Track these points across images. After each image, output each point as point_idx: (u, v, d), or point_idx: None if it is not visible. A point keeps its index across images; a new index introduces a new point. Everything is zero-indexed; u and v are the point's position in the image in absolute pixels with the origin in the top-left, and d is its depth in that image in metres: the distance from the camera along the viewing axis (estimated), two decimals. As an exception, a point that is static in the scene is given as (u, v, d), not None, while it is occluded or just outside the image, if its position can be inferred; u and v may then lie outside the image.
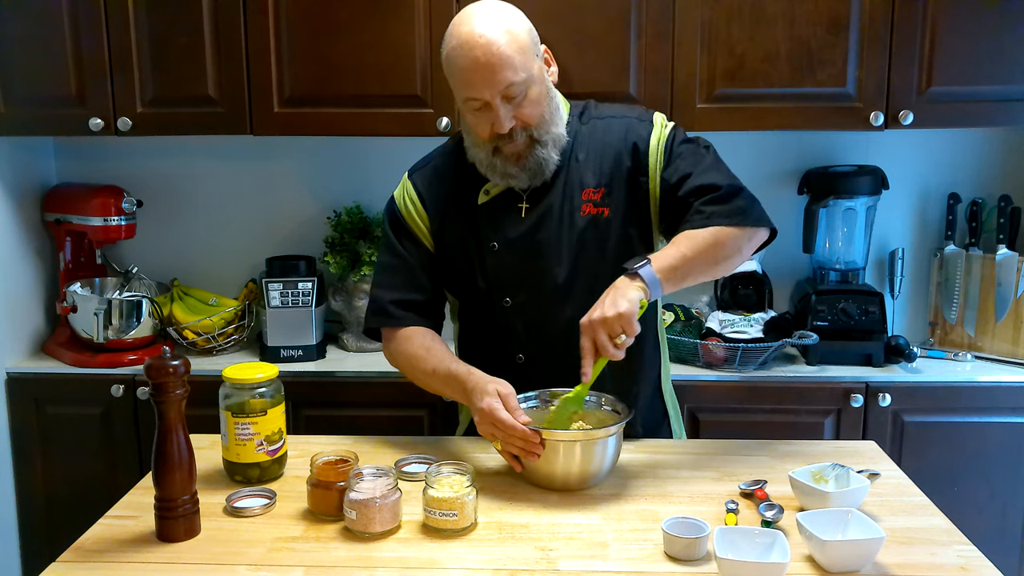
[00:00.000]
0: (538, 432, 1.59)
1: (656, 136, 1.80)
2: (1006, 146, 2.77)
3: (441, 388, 1.81)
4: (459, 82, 1.70)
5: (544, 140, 1.75)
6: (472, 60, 1.65)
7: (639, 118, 1.84)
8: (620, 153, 1.81)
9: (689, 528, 1.43)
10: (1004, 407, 2.45)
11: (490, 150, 1.75)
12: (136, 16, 2.46)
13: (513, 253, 1.81)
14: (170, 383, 1.46)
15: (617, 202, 1.80)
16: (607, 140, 1.82)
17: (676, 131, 1.83)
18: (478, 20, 1.67)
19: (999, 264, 2.60)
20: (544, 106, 1.73)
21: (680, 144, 1.80)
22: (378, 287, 1.90)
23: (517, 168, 1.75)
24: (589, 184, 1.80)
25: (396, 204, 1.90)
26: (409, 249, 1.88)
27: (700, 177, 1.75)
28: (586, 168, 1.80)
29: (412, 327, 1.86)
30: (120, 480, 2.15)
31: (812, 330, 2.51)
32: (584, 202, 1.79)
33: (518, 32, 1.68)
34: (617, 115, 1.86)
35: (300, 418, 2.49)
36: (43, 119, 2.55)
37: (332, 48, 2.46)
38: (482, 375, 1.70)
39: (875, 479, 1.64)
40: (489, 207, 1.82)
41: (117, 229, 2.67)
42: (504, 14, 1.70)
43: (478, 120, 1.72)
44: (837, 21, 2.40)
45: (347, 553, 1.45)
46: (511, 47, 1.65)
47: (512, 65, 1.65)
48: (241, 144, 2.76)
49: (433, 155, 1.93)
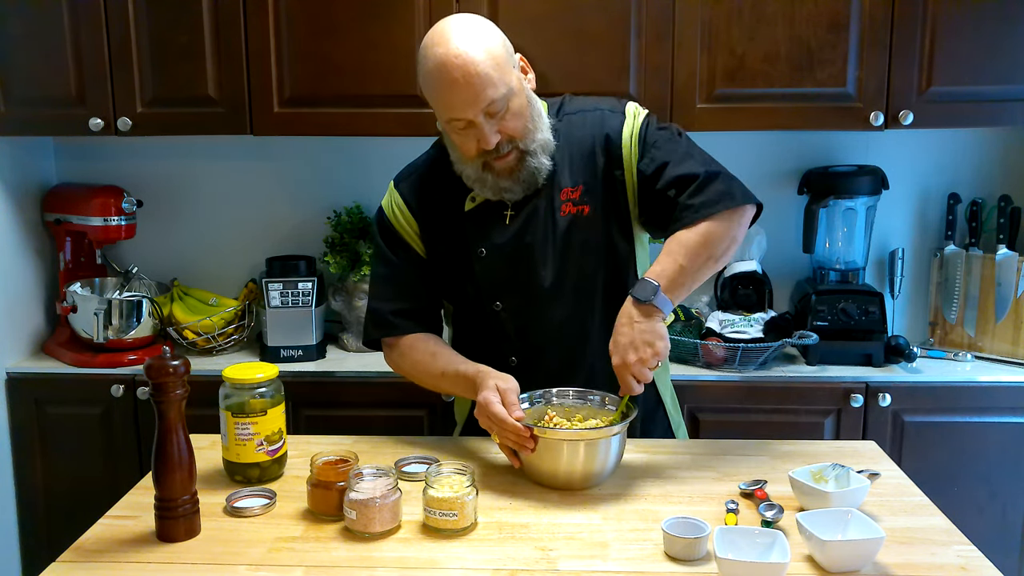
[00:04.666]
0: (530, 428, 1.61)
1: (629, 127, 1.79)
2: (1006, 146, 2.77)
3: (452, 389, 1.84)
4: (440, 104, 1.68)
5: (533, 149, 1.73)
6: (451, 81, 1.63)
7: (611, 109, 1.82)
8: (593, 148, 1.80)
9: (689, 528, 1.43)
10: (1004, 407, 2.45)
11: (479, 166, 1.73)
12: (136, 16, 2.46)
13: (501, 258, 1.80)
14: (170, 383, 1.46)
15: (595, 199, 1.79)
16: (580, 136, 1.81)
17: (649, 119, 1.81)
18: (453, 39, 1.64)
19: (999, 264, 2.60)
20: (527, 116, 1.72)
21: (653, 133, 1.79)
22: (376, 298, 1.90)
23: (511, 182, 1.75)
24: (566, 184, 1.79)
25: (385, 213, 1.89)
26: (402, 257, 1.87)
27: (677, 167, 1.72)
28: (562, 167, 1.80)
29: (414, 334, 1.87)
30: (120, 480, 2.14)
31: (812, 330, 2.51)
32: (564, 202, 1.79)
33: (493, 47, 1.66)
34: (589, 108, 1.84)
35: (300, 418, 2.49)
36: (43, 119, 2.55)
37: (332, 48, 2.46)
38: (489, 371, 1.72)
39: (875, 479, 1.64)
40: (475, 214, 1.81)
41: (117, 229, 2.67)
42: (477, 30, 1.67)
43: (463, 139, 1.71)
44: (837, 21, 2.40)
45: (347, 553, 1.45)
46: (488, 64, 1.63)
47: (492, 82, 1.63)
48: (241, 144, 2.76)
49: (417, 163, 1.92)
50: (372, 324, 1.90)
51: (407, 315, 1.87)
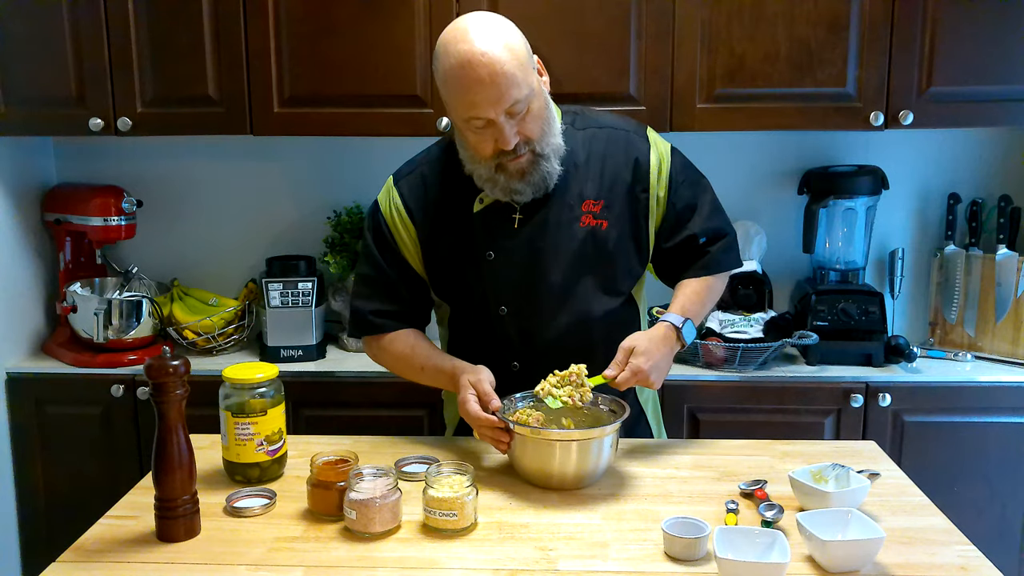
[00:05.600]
0: (506, 423, 1.64)
1: (656, 156, 1.83)
2: (1006, 146, 2.77)
3: (433, 383, 1.87)
4: (461, 102, 1.66)
5: (546, 153, 1.73)
6: (476, 80, 1.61)
7: (635, 132, 1.86)
8: (620, 166, 1.82)
9: (689, 528, 1.44)
10: (1004, 407, 2.45)
11: (492, 166, 1.72)
12: (136, 16, 2.46)
13: (510, 262, 1.80)
14: (170, 383, 1.46)
15: (615, 214, 1.80)
16: (608, 151, 1.82)
17: (675, 154, 1.88)
18: (476, 36, 1.62)
19: (999, 264, 2.60)
20: (544, 118, 1.72)
21: (683, 169, 1.87)
22: (358, 297, 1.91)
23: (522, 184, 1.74)
24: (589, 196, 1.80)
25: (381, 211, 1.88)
26: (390, 260, 1.86)
27: (711, 220, 1.87)
28: (587, 178, 1.80)
29: (394, 332, 1.88)
30: (120, 480, 2.14)
31: (812, 330, 2.51)
32: (584, 213, 1.79)
33: (516, 47, 1.65)
34: (616, 126, 1.86)
35: (300, 418, 2.49)
36: (43, 119, 2.55)
37: (332, 48, 2.46)
38: (463, 367, 1.75)
39: (875, 479, 1.64)
40: (483, 216, 1.81)
41: (117, 229, 2.67)
42: (500, 28, 1.65)
43: (480, 138, 1.69)
44: (837, 21, 2.40)
45: (347, 553, 1.45)
46: (512, 63, 1.62)
47: (516, 82, 1.62)
48: (241, 144, 2.76)
49: (419, 161, 1.90)
50: (353, 323, 1.94)
51: (388, 315, 1.88)
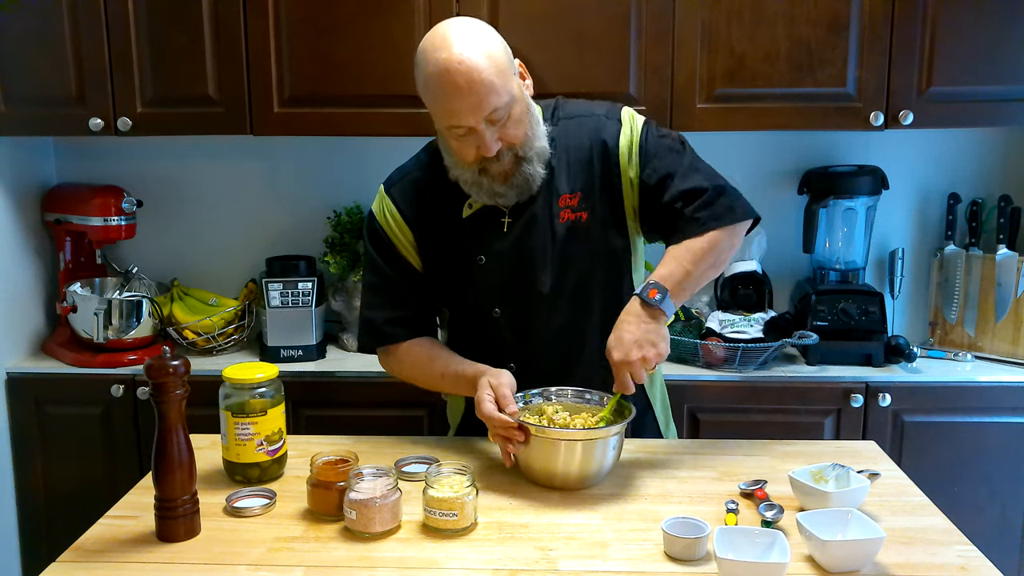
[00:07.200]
0: (520, 423, 1.62)
1: (627, 135, 1.78)
2: (1006, 146, 2.77)
3: (453, 390, 1.84)
4: (441, 110, 1.65)
5: (529, 156, 1.72)
6: (454, 88, 1.59)
7: (607, 115, 1.81)
8: (591, 155, 1.78)
9: (689, 528, 1.44)
10: (1004, 407, 2.45)
11: (475, 170, 1.72)
12: (136, 16, 2.46)
13: (500, 265, 1.79)
14: (170, 383, 1.46)
15: (593, 205, 1.78)
16: (577, 143, 1.79)
17: (648, 127, 1.80)
18: (455, 44, 1.59)
19: (999, 264, 2.60)
20: (526, 123, 1.70)
21: (655, 142, 1.78)
22: (368, 308, 1.89)
23: (505, 187, 1.73)
24: (564, 190, 1.78)
25: (376, 219, 1.86)
26: (394, 266, 1.85)
27: (684, 180, 1.74)
28: (560, 174, 1.78)
29: (409, 340, 1.86)
30: (120, 480, 2.14)
31: (812, 330, 2.51)
32: (562, 209, 1.78)
33: (496, 53, 1.63)
34: (585, 114, 1.82)
35: (300, 418, 2.49)
36: (43, 119, 2.55)
37: (332, 48, 2.46)
38: (486, 370, 1.73)
39: (875, 479, 1.64)
40: (473, 220, 1.80)
41: (117, 229, 2.66)
42: (479, 35, 1.63)
43: (462, 145, 1.68)
44: (837, 21, 2.40)
45: (347, 553, 1.45)
46: (491, 71, 1.60)
47: (495, 90, 1.60)
48: (241, 144, 2.76)
49: (408, 167, 1.88)
50: (366, 334, 1.89)
51: (401, 323, 1.86)
